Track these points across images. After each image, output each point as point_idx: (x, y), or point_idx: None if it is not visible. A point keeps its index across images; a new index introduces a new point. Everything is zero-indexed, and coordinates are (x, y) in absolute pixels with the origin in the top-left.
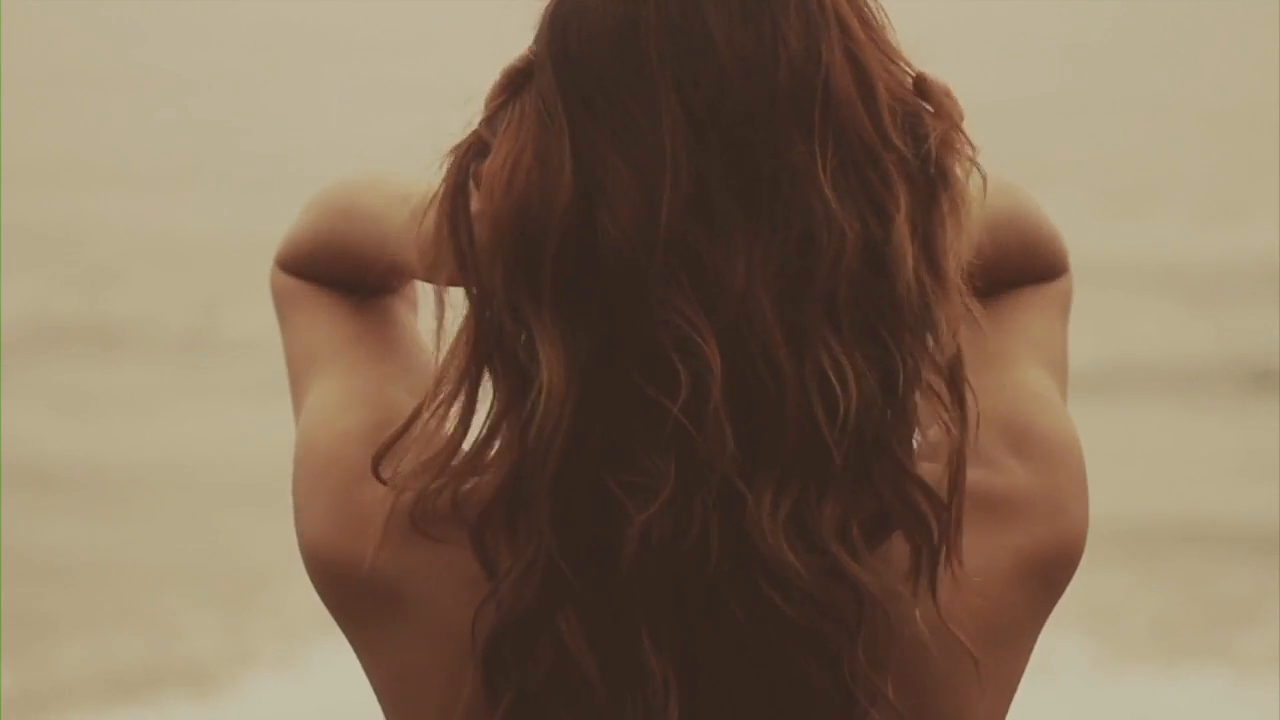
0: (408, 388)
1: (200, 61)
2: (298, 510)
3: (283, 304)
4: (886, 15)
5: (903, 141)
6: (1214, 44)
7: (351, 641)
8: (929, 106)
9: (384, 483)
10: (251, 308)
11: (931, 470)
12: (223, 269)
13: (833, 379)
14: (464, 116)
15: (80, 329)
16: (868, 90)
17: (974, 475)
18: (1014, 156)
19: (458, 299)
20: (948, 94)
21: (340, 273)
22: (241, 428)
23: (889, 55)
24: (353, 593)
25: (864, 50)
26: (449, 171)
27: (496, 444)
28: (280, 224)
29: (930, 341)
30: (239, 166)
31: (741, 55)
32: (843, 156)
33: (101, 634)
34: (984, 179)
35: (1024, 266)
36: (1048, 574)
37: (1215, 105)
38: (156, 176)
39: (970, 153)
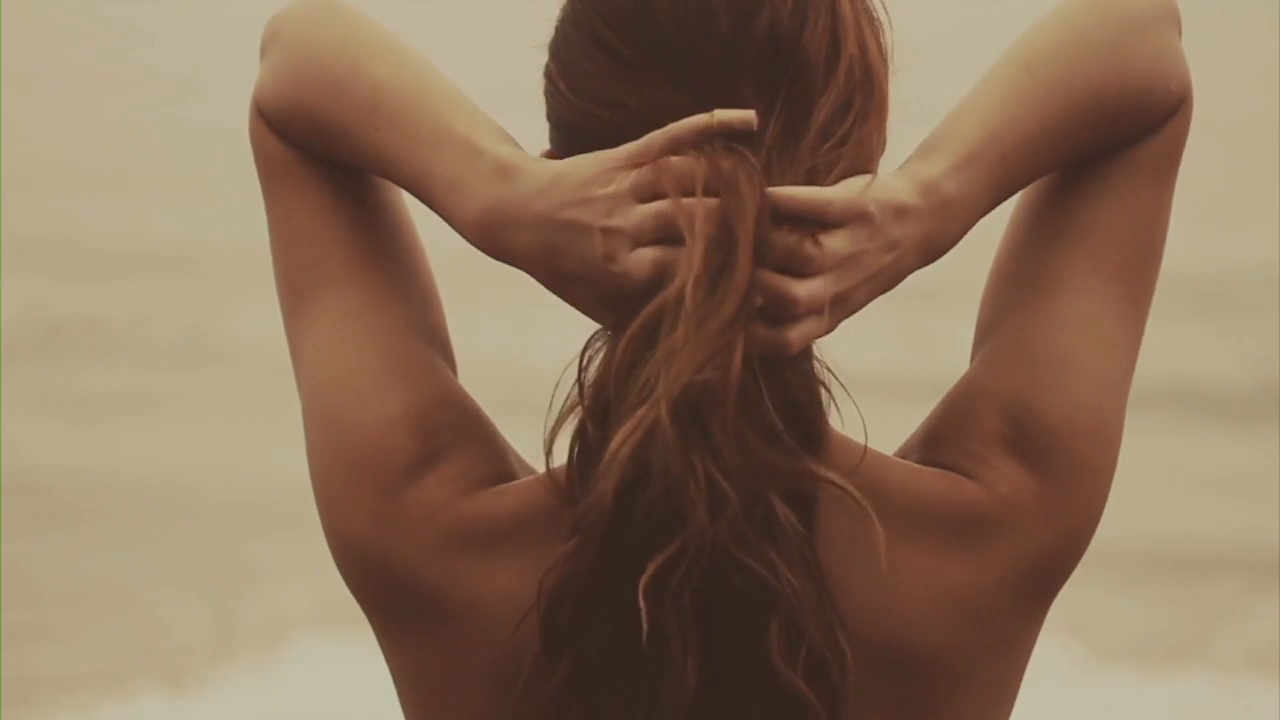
0: (430, 335)
1: (202, 63)
2: (329, 497)
3: (273, 175)
4: (887, 15)
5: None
6: (1214, 54)
7: (379, 635)
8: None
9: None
10: (250, 315)
11: (911, 467)
12: (223, 274)
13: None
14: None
15: (77, 334)
16: (832, 66)
17: (962, 488)
18: None
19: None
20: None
21: (350, 164)
22: (237, 434)
23: (871, 42)
24: (390, 592)
25: (847, 34)
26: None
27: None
28: None
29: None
30: (240, 170)
31: (731, 6)
32: (794, 124)
33: (91, 633)
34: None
35: (1112, 121)
36: (1044, 577)
37: (1215, 114)
38: (157, 180)
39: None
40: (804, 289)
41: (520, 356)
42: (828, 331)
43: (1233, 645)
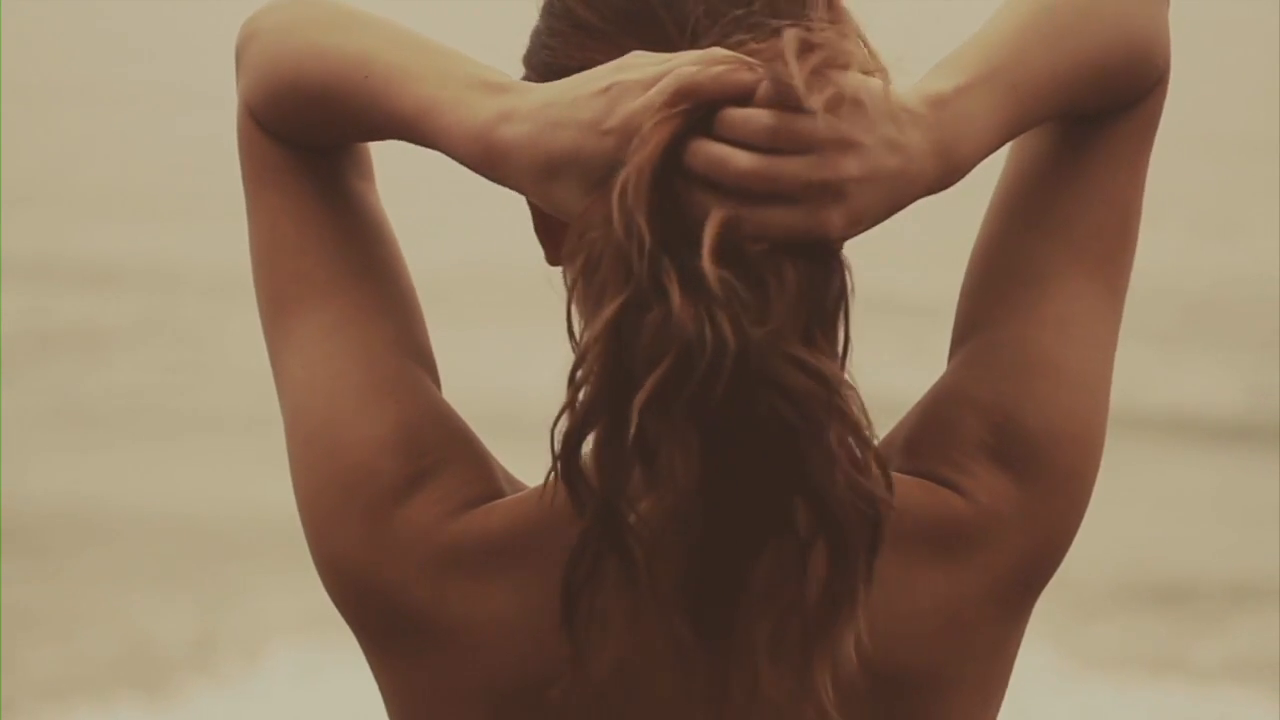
0: (415, 351)
1: (198, 77)
2: (315, 518)
3: (261, 183)
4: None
5: None
6: (1213, 68)
7: (368, 655)
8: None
9: None
10: (243, 333)
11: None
12: (218, 292)
13: None
14: None
15: (68, 350)
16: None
17: (944, 499)
18: None
19: None
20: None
21: (341, 128)
22: (228, 450)
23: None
24: (379, 613)
25: None
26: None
27: None
28: None
29: None
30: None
31: None
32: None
33: (72, 643)
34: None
35: (1109, 80)
36: (1027, 582)
37: (1214, 129)
38: (154, 195)
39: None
40: (778, 165)
41: (512, 376)
42: (833, 233)
43: (1212, 656)
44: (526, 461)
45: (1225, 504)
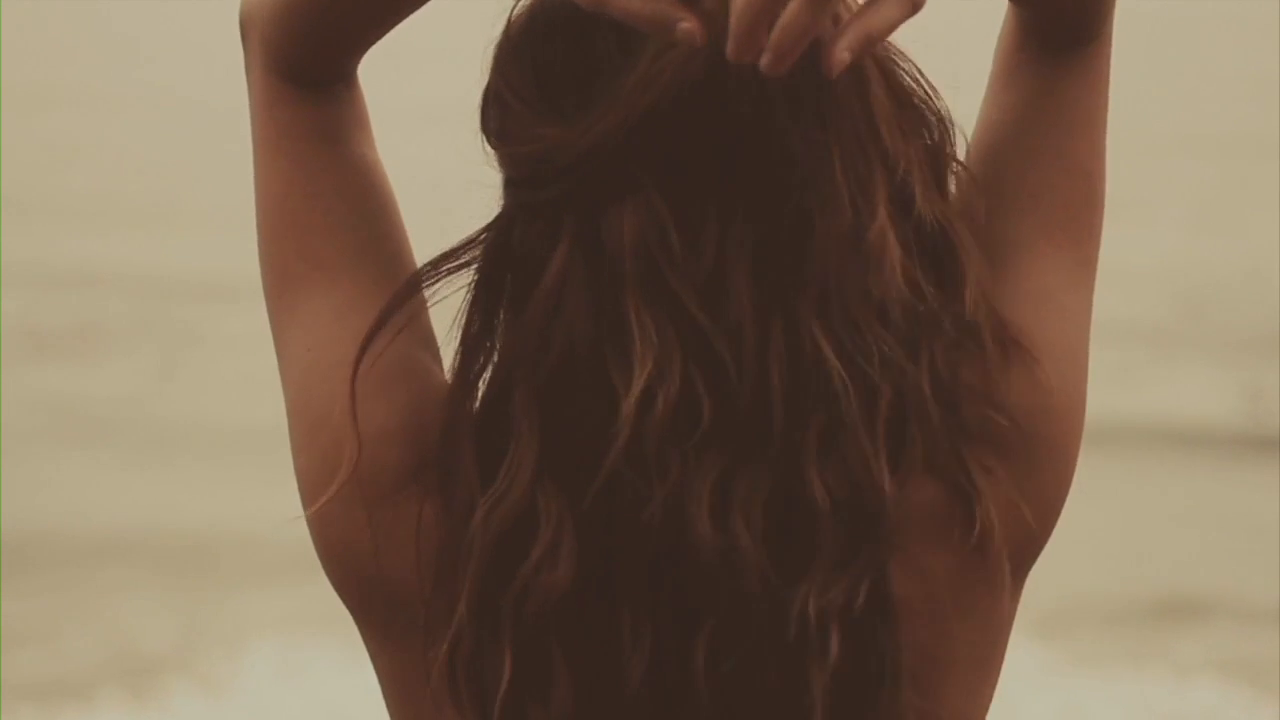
0: (421, 335)
1: (197, 81)
2: (321, 508)
3: (276, 146)
4: None
5: (892, 138)
6: (1213, 66)
7: (366, 641)
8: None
9: None
10: (236, 340)
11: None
12: (213, 298)
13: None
14: (470, 138)
15: (64, 351)
16: (863, 90)
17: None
18: None
19: None
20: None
21: (360, 24)
22: (213, 456)
23: (890, 54)
24: (379, 601)
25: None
26: None
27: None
28: None
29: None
30: (239, 191)
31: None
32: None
33: (54, 643)
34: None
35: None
36: (1019, 558)
37: (1213, 127)
38: (149, 200)
39: (954, 163)
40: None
41: None
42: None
43: (1196, 654)
44: None
45: (1217, 505)
